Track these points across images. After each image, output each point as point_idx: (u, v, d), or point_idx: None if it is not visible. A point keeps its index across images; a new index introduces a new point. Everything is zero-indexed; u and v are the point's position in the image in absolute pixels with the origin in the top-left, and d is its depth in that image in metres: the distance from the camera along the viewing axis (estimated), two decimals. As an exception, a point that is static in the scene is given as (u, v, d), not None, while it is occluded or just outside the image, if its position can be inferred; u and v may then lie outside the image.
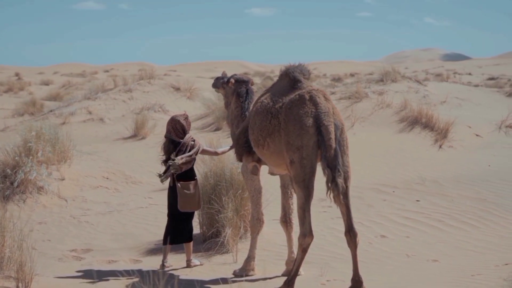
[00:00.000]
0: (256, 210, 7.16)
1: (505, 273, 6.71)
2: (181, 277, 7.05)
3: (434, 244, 8.72)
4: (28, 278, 6.01)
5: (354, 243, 6.31)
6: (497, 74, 61.77)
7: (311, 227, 6.13)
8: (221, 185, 8.34)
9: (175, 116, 7.68)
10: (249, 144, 6.96)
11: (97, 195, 11.55)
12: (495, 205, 10.61)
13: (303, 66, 6.78)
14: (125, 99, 21.26)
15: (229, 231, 8.02)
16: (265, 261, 7.66)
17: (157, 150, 15.49)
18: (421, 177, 12.38)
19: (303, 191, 6.05)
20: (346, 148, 6.19)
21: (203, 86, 23.42)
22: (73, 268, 7.71)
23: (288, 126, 6.16)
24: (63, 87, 44.16)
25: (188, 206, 7.38)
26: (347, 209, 6.23)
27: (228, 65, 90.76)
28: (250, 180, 7.14)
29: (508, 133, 16.83)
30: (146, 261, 7.99)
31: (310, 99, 6.19)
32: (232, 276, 7.10)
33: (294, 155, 6.05)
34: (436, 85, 23.33)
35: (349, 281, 6.54)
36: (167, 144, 7.52)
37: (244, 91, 7.63)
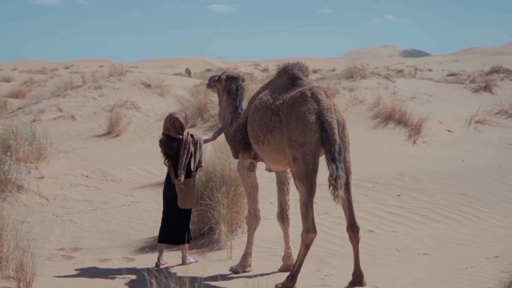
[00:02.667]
0: (252, 206, 7.19)
1: (497, 265, 6.87)
2: (178, 275, 7.05)
3: (420, 238, 8.88)
4: (29, 278, 5.94)
5: (357, 238, 6.40)
6: (457, 70, 62.84)
7: (314, 223, 6.20)
8: (213, 182, 8.35)
9: (174, 114, 7.64)
10: (245, 141, 6.99)
11: (78, 194, 11.44)
12: (474, 199, 10.85)
13: (301, 63, 6.84)
14: (95, 96, 21.05)
15: (223, 228, 8.04)
16: (258, 257, 7.71)
17: (133, 147, 15.48)
18: (399, 172, 12.58)
19: (306, 187, 6.11)
20: (348, 144, 6.28)
21: (174, 83, 23.30)
22: (64, 267, 7.63)
23: (290, 123, 6.21)
24: (25, 84, 43.40)
25: (188, 202, 7.36)
26: (349, 204, 6.32)
27: (191, 61, 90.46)
28: (246, 177, 7.17)
29: (478, 129, 17.19)
30: (139, 259, 7.96)
31: (312, 96, 6.25)
32: (229, 272, 7.12)
33: (297, 152, 6.10)
34: (405, 82, 23.67)
35: (347, 276, 6.65)
36: (167, 141, 7.46)
37: (234, 88, 7.66)
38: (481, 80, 39.24)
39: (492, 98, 21.61)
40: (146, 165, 13.41)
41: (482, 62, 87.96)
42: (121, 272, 7.13)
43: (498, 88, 23.07)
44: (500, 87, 23.24)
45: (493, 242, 8.60)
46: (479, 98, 22.31)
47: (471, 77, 46.76)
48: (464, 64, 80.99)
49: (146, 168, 13.23)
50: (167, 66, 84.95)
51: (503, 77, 41.81)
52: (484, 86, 23.03)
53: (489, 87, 22.93)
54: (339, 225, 9.23)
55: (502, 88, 23.26)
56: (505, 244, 8.33)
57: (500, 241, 8.65)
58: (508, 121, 18.21)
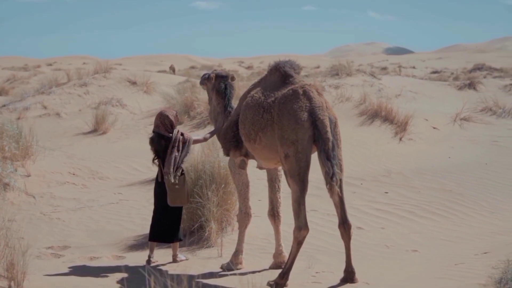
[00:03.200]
0: (244, 204, 7.20)
1: (486, 261, 6.94)
2: (170, 273, 7.04)
3: (409, 235, 8.94)
4: (20, 277, 5.91)
5: (348, 235, 6.43)
6: (440, 68, 63.24)
7: (306, 220, 6.23)
8: (202, 179, 8.34)
9: (164, 111, 7.61)
10: (237, 139, 6.99)
11: (65, 191, 11.38)
12: (461, 196, 10.93)
13: (293, 61, 6.85)
14: (81, 94, 20.93)
15: (214, 226, 8.04)
16: (249, 254, 7.71)
17: (119, 145, 15.43)
18: (387, 169, 12.65)
19: (298, 184, 6.13)
20: (340, 141, 6.30)
21: (160, 80, 23.22)
22: (54, 265, 7.59)
23: (282, 120, 6.22)
24: (8, 81, 43.05)
25: (178, 200, 7.35)
26: (341, 201, 6.35)
27: (175, 58, 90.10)
28: (237, 175, 7.17)
29: (463, 126, 17.30)
30: (129, 257, 7.94)
31: (304, 94, 6.26)
32: (221, 270, 7.13)
33: (289, 149, 6.12)
34: (390, 79, 23.77)
35: (338, 273, 6.69)
36: (157, 139, 7.44)
37: (222, 87, 7.64)
38: (464, 78, 39.53)
39: (477, 96, 21.75)
40: (133, 162, 13.38)
41: (465, 59, 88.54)
42: (112, 270, 7.12)
43: (482, 86, 23.22)
44: (484, 85, 23.40)
45: (481, 238, 8.68)
46: (464, 95, 22.44)
47: (454, 74, 47.08)
48: (447, 62, 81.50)
49: (133, 166, 13.20)
50: (151, 63, 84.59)
51: (486, 75, 42.16)
52: (468, 84, 23.17)
53: (474, 85, 23.08)
54: (328, 222, 9.27)
55: (486, 85, 23.41)
56: (493, 241, 8.41)
57: (488, 237, 8.73)
58: (493, 118, 18.34)
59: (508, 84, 23.55)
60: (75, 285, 6.24)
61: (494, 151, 14.85)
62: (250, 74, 51.55)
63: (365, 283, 6.31)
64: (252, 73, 53.84)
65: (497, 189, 11.56)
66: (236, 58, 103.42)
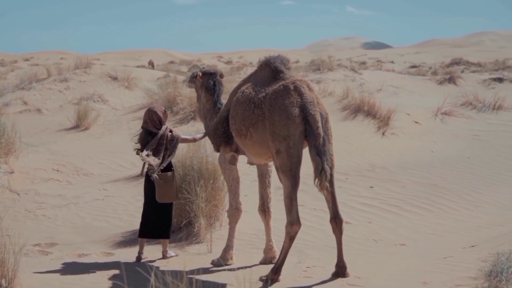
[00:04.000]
0: (234, 199, 7.20)
1: (475, 254, 7.02)
2: (161, 269, 7.02)
3: (396, 229, 9.01)
4: (11, 274, 5.87)
5: (340, 230, 6.47)
6: (418, 62, 63.75)
7: (298, 216, 6.24)
8: (190, 175, 8.33)
9: (153, 107, 7.57)
10: (227, 135, 6.98)
11: (49, 188, 11.30)
12: (445, 190, 11.04)
13: (283, 56, 6.86)
14: (61, 89, 20.79)
15: (203, 222, 8.03)
16: (238, 250, 7.70)
17: (102, 141, 15.35)
18: (371, 163, 12.73)
19: (290, 180, 6.15)
20: (330, 137, 6.32)
21: (141, 76, 23.13)
22: (42, 263, 7.54)
23: (274, 116, 6.22)
24: (-15, 76, 42.61)
25: (166, 197, 7.32)
26: (333, 196, 6.38)
27: (153, 53, 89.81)
28: (228, 170, 7.17)
29: (444, 120, 17.44)
30: (118, 254, 7.90)
31: (295, 89, 6.27)
32: (211, 266, 7.13)
33: (281, 145, 6.13)
34: (371, 74, 23.91)
35: (329, 267, 6.72)
36: (145, 135, 7.42)
37: (211, 84, 7.60)
38: (442, 72, 39.85)
39: (457, 90, 21.93)
40: (118, 158, 13.31)
41: (443, 54, 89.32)
42: (102, 267, 7.08)
43: (462, 80, 23.42)
44: (464, 79, 23.60)
45: (467, 232, 8.78)
46: (444, 90, 22.62)
47: (432, 69, 47.49)
48: (425, 56, 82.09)
49: (118, 162, 13.13)
50: (130, 58, 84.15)
51: (463, 69, 42.54)
52: (448, 78, 23.35)
53: (453, 79, 23.27)
54: (316, 217, 9.32)
55: (466, 80, 23.61)
56: (479, 234, 8.51)
57: (474, 231, 8.82)
58: (473, 113, 18.50)
59: (487, 79, 23.78)
60: (66, 282, 6.20)
61: (476, 145, 15.00)
62: (230, 68, 51.53)
63: (356, 277, 6.35)
64: (232, 67, 53.83)
65: (480, 183, 11.69)
66: (215, 53, 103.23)
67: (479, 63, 52.46)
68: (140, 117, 17.67)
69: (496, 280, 5.68)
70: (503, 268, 5.75)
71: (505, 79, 23.40)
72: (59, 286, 5.89)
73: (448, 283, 5.92)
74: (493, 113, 18.54)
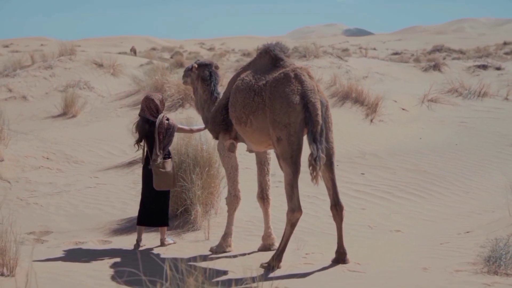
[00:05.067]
0: (233, 187, 7.21)
1: (471, 240, 7.11)
2: (162, 256, 7.03)
3: (389, 215, 9.08)
4: (13, 263, 5.85)
5: (340, 217, 6.51)
6: (400, 49, 63.97)
7: (299, 202, 6.28)
8: (186, 163, 8.33)
9: (150, 95, 7.54)
10: (226, 122, 6.98)
11: (40, 176, 11.24)
12: (435, 176, 11.14)
13: (282, 44, 6.86)
14: (46, 76, 20.59)
15: (199, 209, 8.05)
16: (235, 237, 7.69)
17: (91, 128, 15.27)
18: (361, 150, 12.80)
19: (291, 167, 6.17)
20: (331, 124, 6.36)
21: (126, 63, 22.99)
22: (39, 251, 7.48)
23: (274, 104, 6.23)
24: (-35, 63, 42.07)
25: (164, 184, 7.32)
26: (333, 183, 6.42)
27: (135, 40, 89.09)
28: (227, 158, 7.17)
29: (431, 107, 17.56)
30: (115, 242, 7.89)
31: (295, 77, 6.29)
32: (210, 253, 7.15)
33: (282, 133, 6.15)
34: (357, 61, 23.97)
35: (327, 254, 6.78)
36: (142, 123, 7.39)
37: (207, 74, 7.65)
38: (424, 59, 40.01)
39: (442, 77, 22.08)
40: (107, 146, 13.26)
41: (424, 41, 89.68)
42: (102, 255, 7.08)
43: (447, 67, 23.56)
44: (448, 66, 23.74)
45: (460, 218, 8.87)
46: (429, 77, 22.76)
47: (414, 55, 47.70)
48: (407, 43, 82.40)
49: (107, 150, 13.08)
50: (111, 45, 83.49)
51: (445, 56, 42.75)
52: (433, 65, 23.48)
53: (438, 66, 23.40)
54: (310, 204, 9.36)
55: (451, 67, 23.76)
56: (472, 220, 8.60)
57: (466, 217, 8.92)
58: (459, 100, 18.64)
59: (471, 66, 23.94)
60: (68, 270, 6.18)
61: (463, 132, 15.13)
62: (212, 55, 51.40)
63: (356, 264, 6.41)
64: (214, 54, 53.69)
65: (468, 170, 11.80)
66: (197, 40, 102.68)
67: (461, 50, 52.74)
68: (128, 104, 17.63)
69: (495, 265, 5.76)
70: (501, 254, 5.84)
71: (489, 66, 23.58)
72: (62, 275, 5.88)
73: (447, 268, 5.99)
74: (478, 100, 18.70)
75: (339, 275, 6.10)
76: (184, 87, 16.55)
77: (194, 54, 55.89)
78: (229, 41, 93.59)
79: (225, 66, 23.66)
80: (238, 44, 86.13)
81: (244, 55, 52.59)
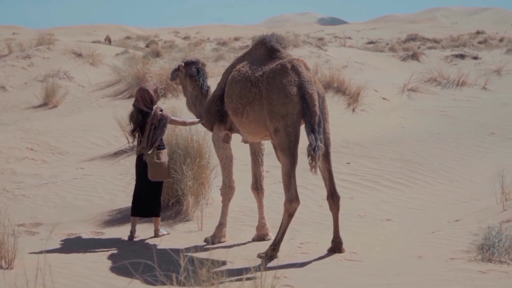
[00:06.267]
0: (227, 178, 7.25)
1: (462, 228, 7.24)
2: (158, 247, 7.05)
3: (378, 204, 9.19)
4: (11, 256, 5.83)
5: (337, 206, 6.59)
6: (375, 38, 64.34)
7: (297, 193, 6.34)
8: (177, 154, 8.34)
9: (144, 86, 7.53)
10: (221, 113, 7.01)
11: (25, 167, 11.17)
12: (419, 165, 11.28)
13: (278, 35, 6.90)
14: (25, 66, 20.39)
15: (191, 200, 8.07)
16: (227, 227, 7.77)
17: (73, 119, 15.18)
18: (345, 140, 12.90)
19: (288, 158, 6.23)
20: (327, 115, 6.43)
21: (103, 52, 22.83)
22: (32, 243, 7.47)
23: (271, 95, 6.27)
24: None
25: (159, 175, 7.33)
26: (330, 174, 6.49)
27: (109, 29, 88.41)
28: (221, 149, 7.20)
29: (411, 96, 17.75)
30: (108, 233, 7.89)
31: (292, 69, 6.33)
32: (204, 243, 7.18)
33: (279, 124, 6.19)
34: (336, 50, 24.08)
35: (322, 243, 6.86)
36: (135, 113, 7.38)
37: (195, 71, 7.78)
38: (399, 48, 40.29)
39: (420, 66, 22.32)
40: (91, 136, 13.20)
41: (398, 30, 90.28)
42: (97, 246, 7.08)
43: (425, 57, 23.81)
44: (426, 56, 23.98)
45: (446, 206, 9.01)
46: (407, 66, 23.01)
47: (389, 44, 48.03)
48: (381, 32, 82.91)
49: (91, 140, 13.02)
50: (84, 34, 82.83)
51: (419, 45, 43.11)
52: (411, 55, 23.70)
53: (417, 56, 23.63)
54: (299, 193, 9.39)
55: (429, 56, 24.00)
56: (459, 208, 8.74)
57: (453, 205, 9.06)
58: (438, 89, 18.85)
59: (449, 55, 24.20)
60: (66, 262, 6.16)
61: (443, 121, 15.33)
62: (187, 44, 51.18)
63: (352, 253, 6.50)
64: (189, 43, 53.50)
65: (451, 158, 11.97)
66: (172, 29, 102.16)
67: (435, 39, 53.24)
68: (109, 94, 17.53)
69: (489, 253, 5.88)
70: (494, 242, 5.96)
71: (466, 56, 23.85)
72: (61, 267, 5.87)
73: (442, 256, 6.10)
74: (457, 89, 18.94)
75: (337, 264, 6.18)
76: (166, 76, 16.52)
77: (169, 43, 55.69)
78: (204, 30, 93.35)
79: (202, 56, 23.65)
80: (213, 33, 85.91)
81: (219, 44, 52.52)
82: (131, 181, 8.96)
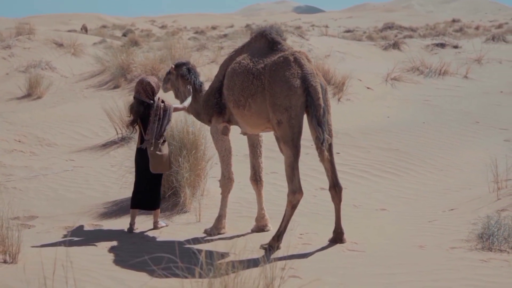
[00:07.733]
0: (226, 169, 7.27)
1: (457, 217, 7.36)
2: (158, 240, 7.07)
3: (371, 194, 9.29)
4: (15, 249, 5.81)
5: (339, 198, 6.65)
6: (352, 27, 64.52)
7: (300, 184, 6.39)
8: (172, 146, 8.34)
9: (145, 78, 7.50)
10: (219, 105, 7.03)
11: (14, 160, 11.09)
12: (408, 155, 11.41)
13: (277, 27, 6.92)
14: (5, 56, 20.18)
15: (188, 191, 8.09)
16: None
17: (59, 110, 15.07)
18: (333, 130, 12.94)
19: (292, 150, 6.28)
20: (329, 107, 6.48)
21: (86, 42, 22.64)
22: (30, 237, 7.43)
23: (275, 87, 6.30)
24: None
25: (160, 167, 7.33)
26: (332, 165, 6.55)
27: (85, 17, 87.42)
28: (220, 141, 7.22)
29: (395, 86, 17.88)
30: (106, 225, 7.87)
31: (295, 61, 6.37)
32: (204, 235, 7.20)
33: (282, 116, 6.23)
34: (318, 40, 24.14)
35: (322, 234, 6.93)
36: (137, 105, 7.35)
37: (186, 70, 7.81)
38: (377, 37, 40.48)
39: (402, 55, 22.42)
40: (78, 128, 13.13)
41: (374, 18, 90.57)
42: (97, 239, 7.06)
43: (406, 46, 23.95)
44: (408, 45, 24.13)
45: (438, 195, 9.14)
46: (389, 55, 23.12)
47: (366, 33, 48.22)
48: (358, 21, 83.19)
49: (79, 131, 12.96)
50: (60, 23, 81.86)
51: (396, 33, 43.35)
52: (393, 44, 23.84)
53: (398, 45, 23.78)
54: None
55: (410, 45, 24.15)
56: (451, 197, 8.88)
57: (444, 194, 9.20)
58: (420, 78, 19.01)
59: (429, 44, 24.37)
60: (70, 256, 6.15)
61: (428, 110, 15.48)
62: (165, 33, 50.91)
63: (353, 243, 6.57)
64: (167, 32, 53.21)
65: (438, 147, 12.12)
66: (148, 17, 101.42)
67: (411, 27, 53.54)
68: (93, 85, 17.41)
69: (489, 242, 6.00)
70: (493, 231, 6.08)
71: (447, 45, 24.04)
72: (64, 260, 5.84)
73: (442, 246, 6.20)
74: (439, 78, 19.13)
75: (339, 254, 6.25)
76: (151, 67, 16.46)
77: (146, 32, 55.26)
78: (181, 19, 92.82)
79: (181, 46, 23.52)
80: (189, 21, 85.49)
81: (197, 33, 52.27)
82: (125, 173, 8.96)
